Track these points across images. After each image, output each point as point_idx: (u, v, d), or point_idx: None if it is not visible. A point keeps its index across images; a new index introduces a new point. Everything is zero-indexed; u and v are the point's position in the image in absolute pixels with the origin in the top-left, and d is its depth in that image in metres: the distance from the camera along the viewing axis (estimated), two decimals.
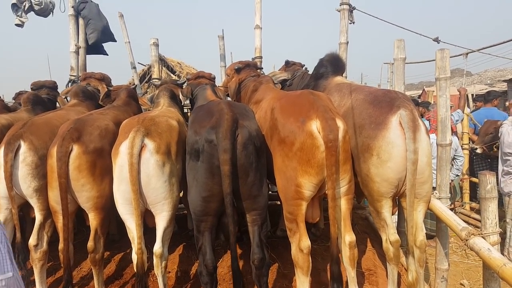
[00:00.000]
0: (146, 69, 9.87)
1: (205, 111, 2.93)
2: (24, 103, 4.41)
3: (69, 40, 6.30)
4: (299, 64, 4.65)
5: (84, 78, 5.02)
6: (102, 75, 5.08)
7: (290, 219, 2.68)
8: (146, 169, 2.79)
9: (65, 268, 3.01)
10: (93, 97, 4.68)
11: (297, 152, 2.53)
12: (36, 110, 4.36)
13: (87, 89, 4.67)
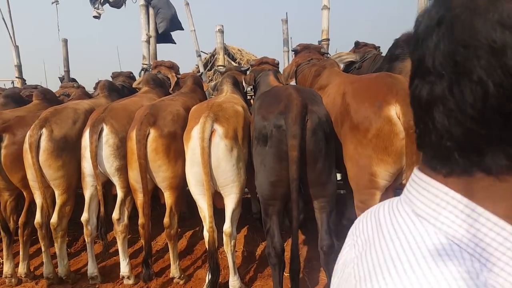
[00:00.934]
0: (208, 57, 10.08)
1: (272, 96, 2.92)
2: (101, 90, 4.75)
3: (140, 30, 6.59)
4: (372, 45, 4.42)
5: (155, 66, 5.28)
6: (172, 64, 5.30)
7: (362, 209, 2.60)
8: (216, 153, 2.89)
9: (146, 241, 3.23)
10: (162, 84, 4.91)
11: (373, 139, 2.43)
12: (112, 96, 4.68)
13: (157, 77, 4.90)
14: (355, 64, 4.27)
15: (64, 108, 3.67)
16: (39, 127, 3.28)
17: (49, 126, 3.32)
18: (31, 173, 3.32)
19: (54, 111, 3.53)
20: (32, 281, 3.64)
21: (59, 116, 3.47)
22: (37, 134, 3.24)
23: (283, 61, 5.93)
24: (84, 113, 3.75)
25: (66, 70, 7.60)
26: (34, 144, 3.21)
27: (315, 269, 3.30)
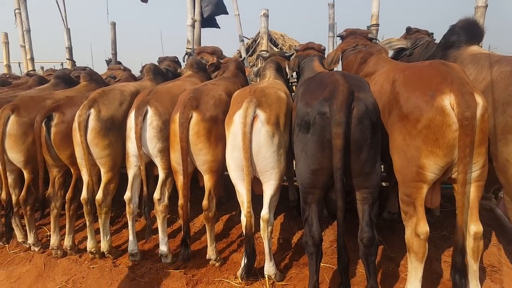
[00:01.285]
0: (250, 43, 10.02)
1: (317, 82, 2.83)
2: (146, 73, 4.87)
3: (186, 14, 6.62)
4: (424, 31, 4.18)
5: (198, 52, 5.33)
6: (213, 49, 5.32)
7: (407, 202, 2.49)
8: (257, 139, 2.86)
9: (184, 222, 3.30)
10: (206, 69, 4.94)
11: (423, 130, 2.30)
12: (157, 79, 4.79)
13: (201, 61, 4.94)
14: (405, 51, 4.07)
15: (112, 89, 3.77)
16: (88, 107, 3.39)
17: (97, 107, 3.43)
18: (79, 151, 3.45)
19: (102, 92, 3.64)
20: (76, 254, 3.82)
21: (106, 97, 3.58)
22: (85, 114, 3.36)
23: (328, 47, 5.77)
24: (130, 95, 3.84)
25: (114, 53, 7.83)
26: (82, 123, 3.33)
27: (352, 261, 3.22)
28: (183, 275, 3.29)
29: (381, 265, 3.19)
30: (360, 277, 3.06)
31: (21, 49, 8.26)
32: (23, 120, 3.74)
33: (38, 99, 4.05)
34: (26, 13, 7.83)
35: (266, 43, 6.03)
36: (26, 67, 8.25)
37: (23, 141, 3.72)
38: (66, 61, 8.11)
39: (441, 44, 3.43)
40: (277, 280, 3.09)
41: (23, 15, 7.82)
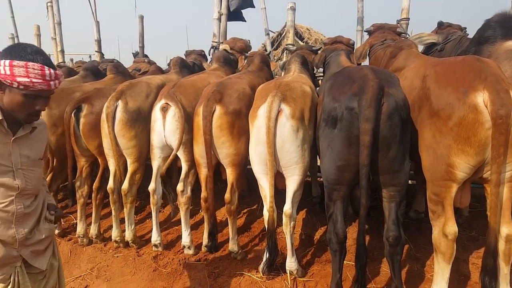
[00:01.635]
0: (275, 36, 9.95)
1: (345, 76, 2.78)
2: (173, 66, 4.93)
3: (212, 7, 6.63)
4: (457, 26, 4.04)
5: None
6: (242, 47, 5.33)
7: (435, 201, 2.42)
8: (281, 133, 2.84)
9: (210, 214, 3.34)
10: (232, 62, 4.95)
11: (454, 127, 2.22)
12: (183, 72, 4.83)
13: (228, 55, 4.94)
14: (436, 46, 3.95)
15: (139, 82, 3.83)
16: (116, 99, 3.45)
17: (124, 99, 3.49)
18: (107, 142, 3.52)
19: (129, 84, 3.70)
20: (101, 242, 3.92)
21: (133, 90, 3.63)
22: (113, 106, 3.42)
23: (356, 41, 5.64)
24: (157, 87, 3.89)
25: (141, 46, 7.94)
26: (110, 114, 3.40)
27: (376, 260, 3.18)
28: (205, 267, 3.32)
29: (406, 265, 3.12)
30: (385, 276, 3.01)
31: (52, 41, 8.48)
32: (53, 112, 3.85)
33: (67, 91, 4.16)
34: (58, 6, 8.02)
35: (292, 36, 5.96)
36: (56, 59, 8.47)
37: (52, 132, 3.83)
38: (95, 53, 8.27)
39: (475, 39, 3.30)
40: (299, 276, 3.07)
41: (55, 8, 8.01)
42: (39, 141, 1.83)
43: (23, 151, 1.71)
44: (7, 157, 1.64)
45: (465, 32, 4.00)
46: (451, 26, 4.05)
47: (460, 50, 3.59)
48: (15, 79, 1.52)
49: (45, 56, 1.62)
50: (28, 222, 1.74)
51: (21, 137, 1.70)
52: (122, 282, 3.24)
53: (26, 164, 1.71)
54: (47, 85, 1.59)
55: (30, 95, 1.58)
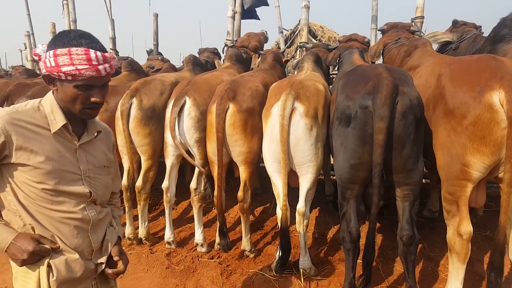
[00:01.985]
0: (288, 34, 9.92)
1: (359, 75, 2.77)
2: (186, 64, 4.97)
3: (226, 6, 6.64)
4: (472, 24, 3.99)
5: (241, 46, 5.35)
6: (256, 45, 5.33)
7: (450, 201, 2.41)
8: (295, 131, 2.85)
9: (219, 212, 3.35)
10: (244, 60, 4.96)
11: (469, 126, 2.21)
12: (196, 70, 4.86)
13: (240, 53, 4.96)
14: (451, 45, 3.90)
15: (153, 79, 3.87)
16: (130, 96, 3.50)
17: (139, 96, 3.53)
18: (121, 139, 3.57)
19: (144, 82, 3.74)
20: None
21: (148, 87, 3.67)
22: (128, 103, 3.47)
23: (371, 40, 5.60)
24: (170, 85, 3.93)
25: (155, 43, 8.00)
26: (125, 112, 3.44)
27: (390, 259, 3.17)
28: (217, 265, 3.35)
29: (420, 264, 3.11)
30: (398, 276, 3.00)
31: None
32: None
33: None
34: (73, 4, 8.13)
35: (306, 34, 5.95)
36: None
37: None
38: (110, 51, 8.36)
39: (490, 38, 3.26)
40: (312, 275, 3.08)
41: (70, 6, 8.11)
42: (103, 146, 1.67)
43: (89, 157, 1.56)
44: (75, 164, 1.50)
45: (480, 30, 3.94)
46: (466, 25, 4.00)
47: (475, 48, 3.55)
48: (60, 70, 1.35)
49: (91, 38, 1.41)
50: (101, 230, 1.62)
51: (87, 143, 1.55)
52: (135, 279, 3.28)
53: (93, 172, 1.57)
54: (96, 70, 1.37)
55: (82, 86, 1.39)
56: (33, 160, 1.38)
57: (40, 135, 1.42)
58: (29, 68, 8.62)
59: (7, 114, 1.37)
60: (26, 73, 7.02)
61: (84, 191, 1.51)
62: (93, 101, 1.43)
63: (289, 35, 9.78)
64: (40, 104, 1.47)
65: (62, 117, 1.45)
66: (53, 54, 1.35)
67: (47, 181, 1.41)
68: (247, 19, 6.87)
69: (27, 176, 1.39)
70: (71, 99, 1.41)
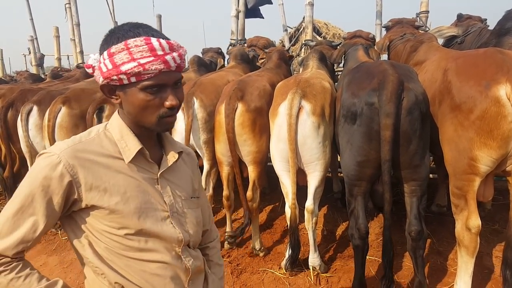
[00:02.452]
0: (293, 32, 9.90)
1: (363, 72, 2.79)
2: (191, 65, 5.01)
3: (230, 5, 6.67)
4: (477, 18, 3.98)
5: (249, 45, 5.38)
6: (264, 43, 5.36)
7: (458, 195, 2.42)
8: (302, 130, 2.87)
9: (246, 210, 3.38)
10: (249, 60, 4.98)
11: (476, 121, 2.22)
12: (200, 71, 4.90)
13: (245, 53, 4.98)
14: (456, 39, 3.90)
15: None
16: None
17: None
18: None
19: None
20: None
21: None
22: None
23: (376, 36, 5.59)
24: None
25: None
26: None
27: (398, 254, 3.18)
28: (227, 264, 3.38)
29: (429, 259, 3.12)
30: (407, 271, 3.02)
31: (71, 43, 8.65)
32: (74, 112, 3.90)
33: (88, 91, 4.23)
34: (76, 7, 8.18)
35: (310, 32, 5.94)
36: (75, 60, 8.65)
37: (73, 133, 3.86)
38: None
39: (496, 31, 3.26)
40: (322, 272, 3.11)
41: (73, 10, 8.17)
42: (188, 171, 1.34)
43: (174, 188, 1.24)
44: (159, 198, 1.19)
45: (485, 23, 3.94)
46: (471, 18, 3.99)
47: (480, 42, 3.55)
48: (120, 71, 1.04)
49: (148, 27, 1.11)
50: (199, 281, 1.30)
51: (168, 170, 1.23)
52: None
53: (181, 206, 1.25)
54: (163, 61, 1.05)
55: (151, 87, 1.07)
56: (108, 201, 1.10)
57: (112, 168, 1.13)
58: (34, 73, 8.70)
59: (69, 147, 1.09)
60: (31, 78, 7.09)
61: (174, 232, 1.20)
62: (168, 106, 1.09)
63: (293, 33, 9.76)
64: (106, 129, 1.19)
65: (135, 141, 1.16)
66: (108, 54, 1.06)
67: (129, 225, 1.12)
68: (251, 17, 6.88)
69: (105, 222, 1.12)
70: (142, 109, 1.10)
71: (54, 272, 3.63)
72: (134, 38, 1.05)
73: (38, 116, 4.04)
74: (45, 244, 4.18)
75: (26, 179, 1.07)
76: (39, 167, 1.06)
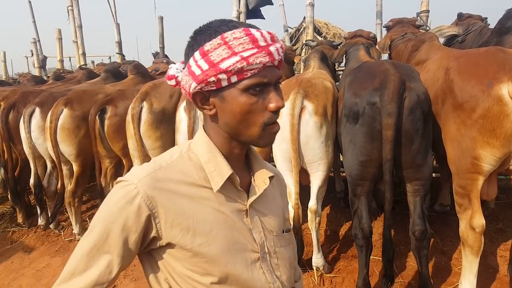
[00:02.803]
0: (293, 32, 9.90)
1: (365, 71, 2.79)
2: None
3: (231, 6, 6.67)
4: (477, 17, 3.98)
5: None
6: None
7: (462, 194, 2.42)
8: (305, 130, 2.87)
9: None
10: None
11: (479, 120, 2.21)
12: None
13: None
14: (457, 38, 3.90)
15: (162, 83, 3.90)
16: (141, 100, 3.53)
17: (149, 100, 3.56)
18: (132, 143, 3.60)
19: (153, 85, 3.77)
20: None
21: (158, 91, 3.71)
22: (138, 107, 3.50)
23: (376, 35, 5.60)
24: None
25: (161, 46, 8.05)
26: (136, 116, 3.48)
27: (402, 254, 3.18)
28: None
29: (433, 259, 3.12)
30: (411, 271, 3.02)
31: (73, 45, 8.69)
32: (76, 113, 3.90)
33: (90, 93, 4.23)
34: (78, 9, 8.21)
35: (311, 32, 5.96)
36: (78, 62, 8.69)
37: (75, 135, 3.89)
38: (116, 55, 8.43)
39: (496, 30, 3.25)
40: (325, 272, 3.11)
41: (75, 12, 8.21)
42: (278, 199, 1.13)
43: (264, 221, 1.03)
44: (248, 235, 0.99)
45: (486, 22, 3.93)
46: (471, 17, 3.99)
47: (481, 41, 3.54)
48: (220, 69, 0.87)
49: (239, 21, 0.96)
50: None
51: (258, 199, 1.02)
52: None
53: (273, 244, 1.03)
54: (268, 53, 0.88)
55: (254, 86, 0.89)
56: (192, 242, 0.92)
57: (197, 199, 0.95)
58: (36, 75, 8.74)
59: (148, 175, 0.92)
60: (33, 80, 7.10)
61: (266, 282, 0.99)
62: (274, 108, 0.91)
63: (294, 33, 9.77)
64: (190, 149, 1.00)
65: (225, 164, 0.96)
66: (201, 54, 0.89)
67: (215, 271, 0.93)
68: (252, 18, 6.89)
69: (187, 266, 0.93)
70: (245, 115, 0.91)
71: (57, 273, 3.63)
72: (231, 30, 0.88)
73: (40, 117, 4.04)
74: (48, 245, 4.20)
75: (102, 211, 0.92)
76: (115, 198, 0.91)
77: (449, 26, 4.10)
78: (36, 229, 4.54)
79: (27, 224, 4.61)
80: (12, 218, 4.89)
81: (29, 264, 3.86)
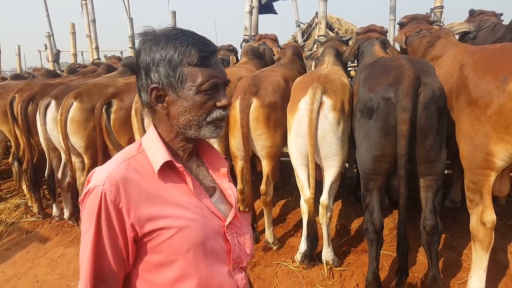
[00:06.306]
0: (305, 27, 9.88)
1: (380, 67, 2.79)
2: None
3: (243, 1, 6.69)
4: (491, 13, 3.92)
5: (259, 39, 5.37)
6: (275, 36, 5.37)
7: (473, 190, 2.43)
8: (323, 125, 2.89)
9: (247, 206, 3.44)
10: (261, 55, 5.00)
11: (493, 116, 2.22)
12: None
13: (256, 48, 5.00)
14: (469, 35, 3.87)
15: None
16: None
17: None
18: (138, 137, 3.62)
19: None
20: None
21: None
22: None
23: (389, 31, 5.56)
24: None
25: None
26: (139, 109, 3.49)
27: (412, 249, 3.19)
28: None
29: (442, 254, 3.13)
30: (421, 265, 3.03)
31: (87, 39, 8.76)
32: (85, 106, 3.94)
33: (100, 86, 4.26)
34: (92, 4, 8.28)
35: (324, 28, 5.93)
36: (91, 56, 8.77)
37: (84, 127, 3.94)
38: (129, 49, 8.48)
39: (510, 26, 3.23)
40: (335, 266, 3.14)
41: (89, 6, 8.28)
42: None
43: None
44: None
45: (499, 18, 3.89)
46: (484, 14, 3.94)
47: (495, 37, 3.51)
48: None
49: None
50: None
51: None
52: None
53: None
54: None
55: None
56: None
57: None
58: (51, 69, 8.84)
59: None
60: (48, 75, 7.17)
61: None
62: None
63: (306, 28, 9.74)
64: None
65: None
66: None
67: None
68: (264, 13, 6.90)
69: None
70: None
71: (71, 263, 3.72)
72: None
73: (55, 110, 4.10)
74: (63, 236, 4.29)
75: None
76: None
77: (460, 23, 4.07)
78: (51, 219, 4.64)
79: (42, 215, 4.71)
80: (27, 209, 5.00)
81: (44, 254, 3.95)
